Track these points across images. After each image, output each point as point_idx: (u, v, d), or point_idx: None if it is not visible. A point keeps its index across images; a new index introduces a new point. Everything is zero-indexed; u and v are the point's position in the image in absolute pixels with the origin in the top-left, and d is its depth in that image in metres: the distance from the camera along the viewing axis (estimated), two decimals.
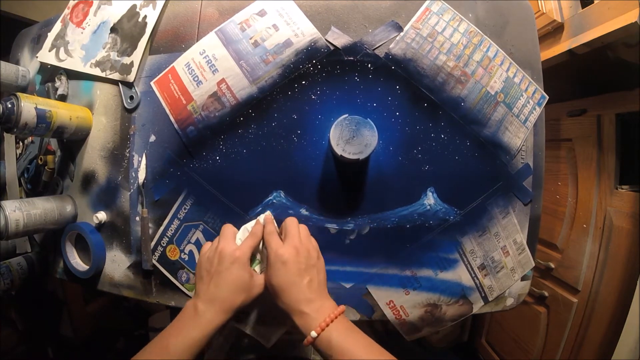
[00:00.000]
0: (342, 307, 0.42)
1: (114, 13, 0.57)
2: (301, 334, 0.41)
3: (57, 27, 0.62)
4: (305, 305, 0.41)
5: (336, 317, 0.40)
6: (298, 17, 0.51)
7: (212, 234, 0.53)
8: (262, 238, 0.47)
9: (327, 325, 0.39)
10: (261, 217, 0.50)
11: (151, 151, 0.54)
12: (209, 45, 0.52)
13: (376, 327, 0.91)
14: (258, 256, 0.48)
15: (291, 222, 0.47)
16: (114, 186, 0.57)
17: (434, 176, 0.53)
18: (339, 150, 0.46)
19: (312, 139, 0.52)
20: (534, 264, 0.58)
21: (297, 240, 0.45)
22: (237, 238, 0.47)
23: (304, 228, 0.48)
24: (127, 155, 0.55)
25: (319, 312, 0.40)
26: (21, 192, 0.70)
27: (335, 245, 0.53)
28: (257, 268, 0.47)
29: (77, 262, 0.60)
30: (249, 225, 0.49)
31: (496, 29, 0.54)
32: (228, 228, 0.48)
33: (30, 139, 0.68)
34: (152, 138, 0.54)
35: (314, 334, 0.39)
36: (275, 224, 0.49)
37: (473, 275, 0.55)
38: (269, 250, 0.44)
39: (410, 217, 0.53)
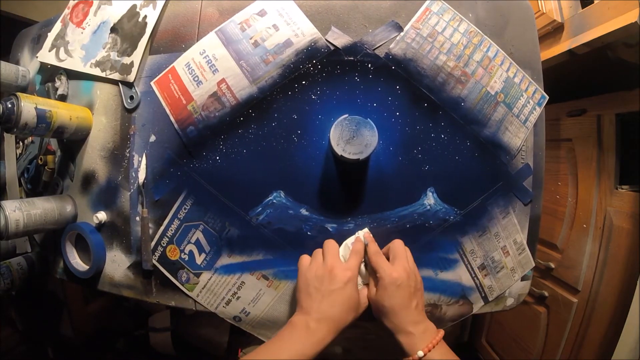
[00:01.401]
0: (442, 330, 0.44)
1: (114, 13, 0.57)
2: (402, 351, 0.43)
3: (57, 27, 0.62)
4: (413, 326, 0.43)
5: (440, 340, 0.43)
6: (298, 17, 0.51)
7: (212, 234, 0.53)
8: (365, 257, 0.49)
9: (434, 347, 0.42)
10: (360, 234, 0.51)
11: (151, 151, 0.54)
12: (209, 45, 0.52)
13: None
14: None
15: (399, 244, 0.49)
16: (114, 186, 0.57)
17: (434, 176, 0.53)
18: (339, 151, 0.46)
19: (312, 139, 0.52)
20: (534, 264, 0.58)
21: (406, 263, 0.47)
22: (340, 255, 0.48)
23: (408, 250, 0.49)
24: (127, 155, 0.55)
25: (424, 334, 0.43)
26: (21, 192, 0.70)
27: None
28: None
29: (77, 262, 0.60)
30: (349, 242, 0.50)
31: (496, 29, 0.54)
32: (333, 244, 0.49)
33: (30, 139, 0.68)
34: (152, 138, 0.54)
35: (420, 353, 0.41)
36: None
37: (473, 275, 0.55)
38: (381, 272, 0.46)
39: (410, 217, 0.53)
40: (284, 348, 0.42)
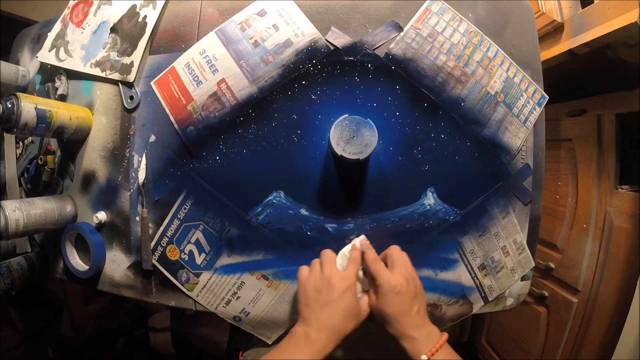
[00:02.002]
0: (446, 334, 0.44)
1: (114, 13, 0.57)
2: (407, 357, 0.43)
3: (57, 27, 0.62)
4: (415, 331, 0.43)
5: (443, 343, 0.43)
6: (298, 17, 0.51)
7: (212, 234, 0.53)
8: (362, 264, 0.49)
9: (437, 351, 0.42)
10: (356, 242, 0.50)
11: (151, 151, 0.54)
12: (209, 45, 0.52)
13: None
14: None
15: (397, 250, 0.49)
16: (114, 186, 0.57)
17: (434, 176, 0.53)
18: (339, 150, 0.46)
19: (312, 139, 0.52)
20: (534, 264, 0.58)
21: (404, 269, 0.47)
22: (338, 264, 0.48)
23: (406, 255, 0.49)
24: (127, 155, 0.55)
25: (428, 338, 0.43)
26: (21, 192, 0.70)
27: (335, 246, 0.53)
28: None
29: (77, 262, 0.60)
30: (346, 251, 0.50)
31: (496, 29, 0.54)
32: (330, 254, 0.49)
33: (30, 139, 0.68)
34: (152, 138, 0.54)
35: (424, 357, 0.41)
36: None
37: (473, 275, 0.55)
38: (380, 280, 0.45)
39: (410, 217, 0.53)
40: (285, 358, 0.42)
